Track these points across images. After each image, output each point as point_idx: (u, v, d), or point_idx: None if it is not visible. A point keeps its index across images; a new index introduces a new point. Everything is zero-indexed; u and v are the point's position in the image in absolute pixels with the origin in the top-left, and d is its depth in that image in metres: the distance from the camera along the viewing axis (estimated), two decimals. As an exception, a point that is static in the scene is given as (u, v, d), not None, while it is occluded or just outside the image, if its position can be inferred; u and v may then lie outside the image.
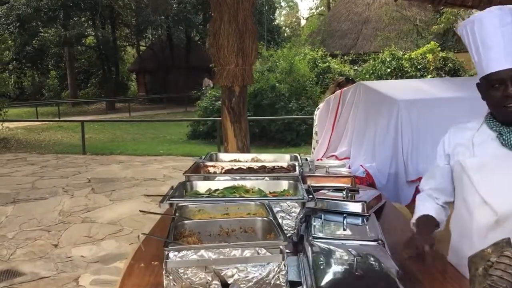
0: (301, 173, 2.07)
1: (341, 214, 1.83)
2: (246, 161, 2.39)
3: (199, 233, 1.41)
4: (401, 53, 13.81)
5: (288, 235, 1.58)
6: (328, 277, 1.28)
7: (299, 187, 1.80)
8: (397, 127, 3.00)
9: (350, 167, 3.14)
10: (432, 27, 17.41)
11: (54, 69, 29.92)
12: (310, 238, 1.58)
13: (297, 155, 2.53)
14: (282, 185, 1.88)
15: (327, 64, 14.67)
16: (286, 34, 34.28)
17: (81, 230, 4.99)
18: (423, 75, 12.55)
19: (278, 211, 1.60)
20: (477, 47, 1.44)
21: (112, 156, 10.10)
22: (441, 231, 1.62)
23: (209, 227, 1.45)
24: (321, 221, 1.77)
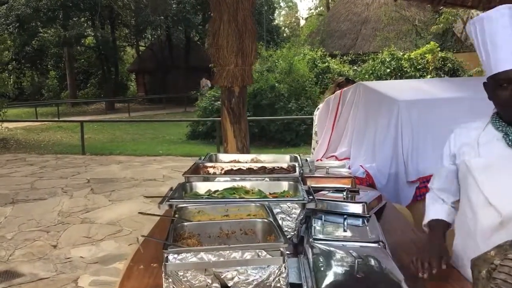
0: (301, 174, 2.07)
1: (341, 215, 1.82)
2: (246, 162, 2.38)
3: (198, 235, 1.40)
4: (401, 53, 13.81)
5: (288, 237, 1.57)
6: (329, 279, 1.27)
7: (299, 188, 1.79)
8: (397, 127, 2.99)
9: (350, 168, 3.13)
10: (431, 27, 17.42)
11: (53, 69, 29.92)
12: (310, 239, 1.57)
13: (297, 155, 2.52)
14: (282, 186, 1.87)
15: (326, 64, 14.68)
16: (285, 34, 34.28)
17: (80, 230, 4.97)
18: (422, 75, 12.55)
19: (278, 212, 1.59)
20: (486, 46, 1.42)
21: (111, 157, 10.09)
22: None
23: (209, 228, 1.43)
24: (321, 222, 1.76)
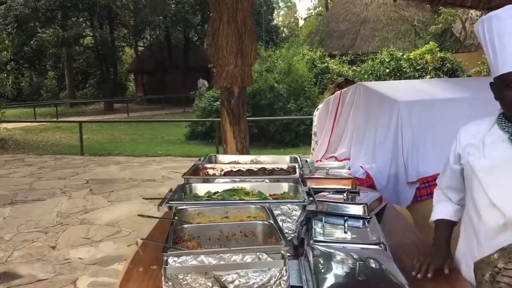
0: (301, 175, 2.05)
1: (342, 216, 1.80)
2: (246, 163, 2.37)
3: (198, 237, 1.39)
4: (400, 53, 13.81)
5: (289, 239, 1.56)
6: (329, 282, 1.27)
7: (299, 189, 1.78)
8: (397, 128, 2.99)
9: (350, 168, 3.12)
10: (430, 28, 17.44)
11: (52, 69, 29.85)
12: (311, 241, 1.56)
13: (297, 156, 2.50)
14: (282, 187, 1.86)
15: (325, 64, 14.69)
16: (284, 35, 34.27)
17: (79, 231, 4.95)
18: (421, 76, 12.55)
19: (278, 214, 1.58)
20: (493, 45, 1.40)
21: (110, 157, 10.06)
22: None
23: (209, 231, 1.42)
24: (321, 224, 1.75)
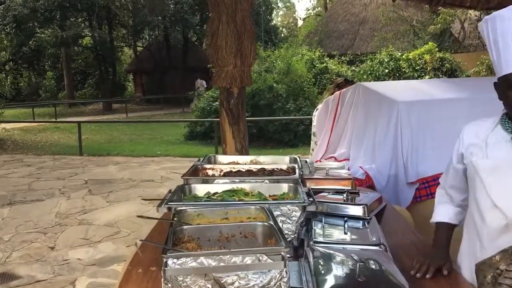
0: (301, 176, 2.05)
1: (342, 217, 1.80)
2: (245, 164, 2.36)
3: (198, 239, 1.38)
4: (399, 53, 13.82)
5: (289, 240, 1.55)
6: (330, 283, 1.26)
7: (299, 190, 1.77)
8: (396, 128, 2.98)
9: (349, 169, 3.12)
10: (429, 28, 17.45)
11: (50, 69, 29.83)
12: (311, 242, 1.55)
13: (296, 157, 2.50)
14: (282, 188, 1.85)
15: (324, 64, 14.69)
16: (283, 35, 34.26)
17: (77, 232, 4.94)
18: (420, 76, 12.55)
19: (278, 215, 1.57)
20: (497, 45, 1.39)
21: (109, 157, 10.05)
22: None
23: (208, 232, 1.41)
24: (321, 224, 1.74)
